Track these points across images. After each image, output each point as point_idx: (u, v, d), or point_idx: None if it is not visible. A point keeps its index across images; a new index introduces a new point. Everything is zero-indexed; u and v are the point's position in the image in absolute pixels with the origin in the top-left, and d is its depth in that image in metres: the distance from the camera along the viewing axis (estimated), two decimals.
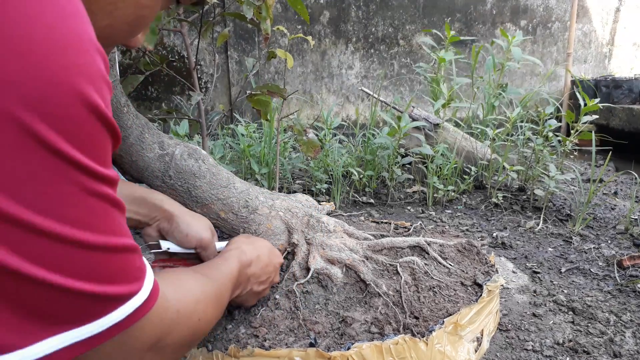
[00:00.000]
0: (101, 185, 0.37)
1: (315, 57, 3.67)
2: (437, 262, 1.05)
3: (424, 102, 3.71)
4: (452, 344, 0.85)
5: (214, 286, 0.62)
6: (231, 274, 0.69)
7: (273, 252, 0.84)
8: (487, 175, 2.21)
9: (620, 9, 3.92)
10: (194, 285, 0.58)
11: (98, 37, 0.41)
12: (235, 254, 0.74)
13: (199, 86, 1.26)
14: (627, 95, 3.31)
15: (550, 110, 2.12)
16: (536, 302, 1.22)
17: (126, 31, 0.45)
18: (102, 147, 0.37)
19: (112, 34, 0.43)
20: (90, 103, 0.34)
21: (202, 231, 0.80)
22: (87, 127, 0.34)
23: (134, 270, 0.42)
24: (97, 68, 0.35)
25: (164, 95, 3.54)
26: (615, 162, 2.77)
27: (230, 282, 0.68)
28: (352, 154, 2.25)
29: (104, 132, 0.37)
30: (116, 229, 0.40)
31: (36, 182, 0.32)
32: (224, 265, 0.69)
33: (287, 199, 1.09)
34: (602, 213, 1.93)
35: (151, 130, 0.95)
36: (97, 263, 0.38)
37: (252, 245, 0.79)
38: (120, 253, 0.40)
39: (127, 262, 0.41)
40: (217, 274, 0.65)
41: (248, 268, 0.74)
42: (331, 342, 0.82)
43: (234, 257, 0.72)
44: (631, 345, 1.03)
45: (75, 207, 0.35)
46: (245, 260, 0.74)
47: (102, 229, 0.38)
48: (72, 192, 0.35)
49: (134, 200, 0.79)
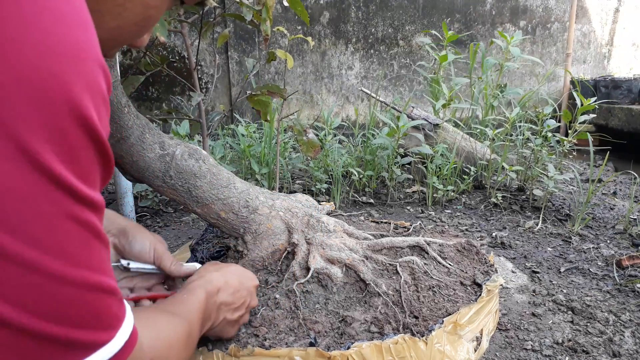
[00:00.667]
0: (84, 210, 0.33)
1: (315, 58, 3.68)
2: (436, 262, 1.05)
3: (423, 102, 3.72)
4: (451, 344, 0.85)
5: (184, 325, 0.58)
6: (199, 306, 0.65)
7: (244, 276, 0.80)
8: (486, 175, 2.21)
9: (619, 10, 3.93)
10: (166, 328, 0.54)
11: (107, 39, 0.41)
12: (201, 283, 0.70)
13: (199, 86, 1.26)
14: (626, 96, 3.31)
15: (549, 110, 2.13)
16: (535, 302, 1.23)
17: (134, 32, 0.44)
18: (89, 166, 0.33)
19: (121, 35, 0.42)
20: (82, 114, 0.31)
21: (155, 243, 0.77)
22: (73, 139, 0.31)
23: (109, 316, 0.37)
24: (94, 80, 0.33)
25: (165, 95, 3.54)
26: (615, 162, 2.77)
27: (199, 315, 0.64)
28: (351, 154, 2.26)
29: (92, 150, 0.33)
30: (95, 263, 0.35)
31: (10, 195, 0.28)
32: (191, 299, 0.65)
33: (287, 199, 1.09)
34: (601, 213, 1.94)
35: (152, 130, 0.95)
36: (66, 300, 0.33)
37: (218, 272, 0.75)
38: (94, 292, 0.35)
39: (101, 304, 0.36)
40: (185, 309, 0.62)
41: (215, 296, 0.70)
42: (331, 341, 0.82)
43: (199, 288, 0.68)
44: (630, 345, 1.03)
45: (50, 231, 0.31)
46: (211, 289, 0.70)
47: (78, 261, 0.33)
48: (48, 212, 0.30)
49: None
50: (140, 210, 2.01)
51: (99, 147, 0.34)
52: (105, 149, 0.34)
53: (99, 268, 0.35)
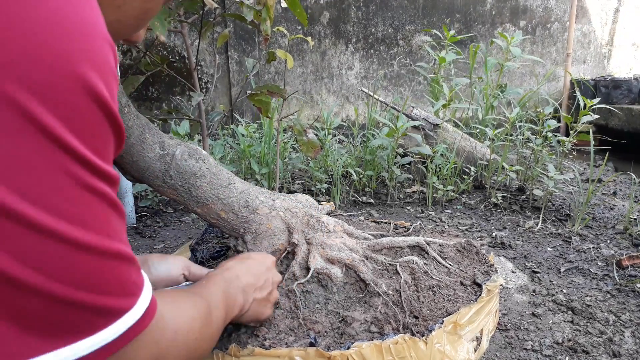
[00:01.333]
0: (98, 182, 0.34)
1: (315, 58, 3.68)
2: (436, 262, 1.05)
3: (423, 102, 3.72)
4: (451, 344, 0.85)
5: (204, 303, 0.59)
6: (218, 289, 0.65)
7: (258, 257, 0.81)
8: (486, 175, 2.21)
9: (619, 10, 3.92)
10: (186, 303, 0.55)
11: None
12: (217, 272, 0.71)
13: (199, 86, 1.26)
14: (626, 96, 3.31)
15: (549, 110, 2.13)
16: (535, 302, 1.23)
17: (133, 25, 0.44)
18: (103, 140, 0.34)
19: (120, 28, 0.43)
20: (93, 90, 0.32)
21: (172, 269, 0.76)
22: (87, 115, 0.32)
23: (129, 283, 0.38)
24: (104, 57, 0.33)
25: (165, 95, 3.54)
26: (615, 162, 2.77)
27: (219, 298, 0.64)
28: (351, 154, 2.26)
29: (106, 124, 0.34)
30: (112, 232, 0.36)
31: (29, 168, 0.29)
32: (209, 283, 0.66)
33: (287, 199, 1.09)
34: (601, 213, 1.94)
35: (152, 130, 0.95)
36: (88, 267, 0.34)
37: (234, 261, 0.76)
38: (114, 260, 0.36)
39: (122, 272, 0.37)
40: (206, 292, 0.62)
41: (237, 280, 0.71)
42: (331, 341, 0.83)
43: (216, 275, 0.69)
44: (630, 345, 1.03)
45: (69, 201, 0.32)
46: (229, 275, 0.70)
47: (96, 229, 0.34)
48: (66, 183, 0.31)
49: None
50: (140, 210, 2.01)
51: (112, 120, 0.35)
52: (118, 121, 0.35)
53: (118, 237, 0.36)
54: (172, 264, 0.76)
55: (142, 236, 1.77)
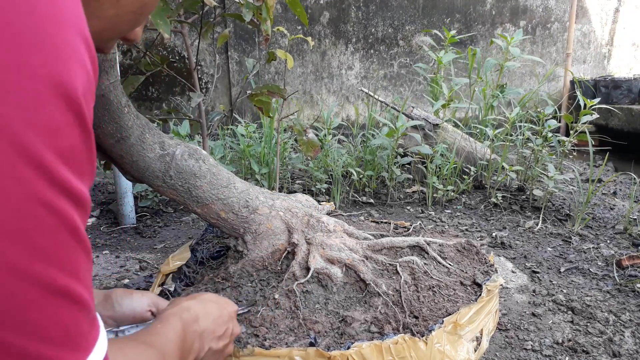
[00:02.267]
0: (59, 197, 0.27)
1: (315, 58, 3.68)
2: (436, 262, 1.05)
3: (423, 102, 3.72)
4: (451, 344, 0.85)
5: (159, 356, 0.52)
6: (175, 335, 0.58)
7: (222, 302, 0.73)
8: (486, 175, 2.21)
9: (619, 10, 3.92)
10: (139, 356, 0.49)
11: (104, 29, 0.40)
12: (175, 311, 0.63)
13: (199, 86, 1.26)
14: (626, 96, 3.31)
15: (549, 110, 2.13)
16: (535, 302, 1.23)
17: (131, 20, 0.44)
18: (72, 147, 0.28)
19: (118, 23, 0.42)
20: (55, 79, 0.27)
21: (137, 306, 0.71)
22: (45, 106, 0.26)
23: (77, 333, 0.30)
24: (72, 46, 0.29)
25: (165, 95, 3.54)
26: (615, 162, 2.77)
27: (176, 346, 0.57)
28: (351, 154, 2.26)
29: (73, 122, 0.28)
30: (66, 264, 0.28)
31: None
32: (165, 328, 0.58)
33: (287, 199, 1.09)
34: (601, 213, 1.94)
35: (152, 130, 0.95)
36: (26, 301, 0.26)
37: (194, 300, 0.69)
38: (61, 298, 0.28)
39: (68, 316, 0.29)
40: (160, 339, 0.55)
41: (195, 324, 0.63)
42: (331, 341, 0.82)
43: (173, 317, 0.61)
44: (630, 345, 1.03)
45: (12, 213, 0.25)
46: (188, 317, 0.63)
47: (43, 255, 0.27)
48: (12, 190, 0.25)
49: None
50: (140, 210, 2.01)
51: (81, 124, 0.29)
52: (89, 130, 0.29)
53: (71, 271, 0.29)
54: (137, 300, 0.70)
55: (142, 236, 1.77)
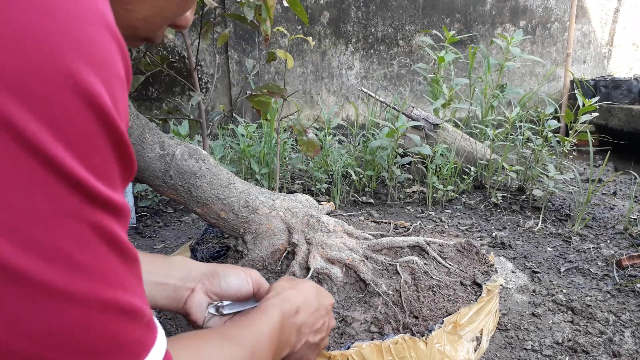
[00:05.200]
0: (95, 210, 0.26)
1: (315, 58, 3.68)
2: (436, 262, 1.05)
3: (423, 102, 3.72)
4: (451, 344, 0.85)
5: (245, 354, 0.48)
6: (271, 328, 0.54)
7: (321, 293, 0.69)
8: (486, 175, 2.21)
9: (619, 10, 3.92)
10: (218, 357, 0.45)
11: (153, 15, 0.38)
12: (276, 302, 0.59)
13: (199, 86, 1.26)
14: (626, 96, 3.31)
15: (549, 110, 2.13)
16: (535, 302, 1.23)
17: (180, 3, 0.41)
18: (102, 159, 0.27)
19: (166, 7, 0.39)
20: (86, 91, 0.25)
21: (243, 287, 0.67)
22: (79, 122, 0.25)
23: (130, 342, 0.30)
24: (106, 54, 0.26)
25: (165, 95, 3.55)
26: (615, 162, 2.77)
27: (270, 340, 0.53)
28: (351, 154, 2.26)
29: (106, 139, 0.26)
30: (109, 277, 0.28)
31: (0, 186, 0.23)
32: (262, 320, 0.54)
33: (287, 199, 1.09)
34: (601, 213, 1.94)
35: (152, 130, 0.95)
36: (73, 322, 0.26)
37: (296, 289, 0.65)
38: (110, 313, 0.28)
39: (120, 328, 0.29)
40: (251, 334, 0.51)
41: (295, 317, 0.60)
42: (331, 341, 0.83)
43: (274, 307, 0.58)
44: (630, 345, 1.03)
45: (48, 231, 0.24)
46: (289, 308, 0.59)
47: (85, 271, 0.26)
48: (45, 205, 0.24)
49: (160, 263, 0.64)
50: (140, 210, 2.01)
51: (114, 137, 0.27)
52: (123, 140, 0.28)
53: (118, 284, 0.28)
54: (244, 280, 0.66)
55: (142, 236, 1.77)
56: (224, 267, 0.67)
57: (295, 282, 0.68)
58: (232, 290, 0.65)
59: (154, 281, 0.61)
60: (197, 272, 0.65)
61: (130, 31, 0.39)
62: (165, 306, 0.63)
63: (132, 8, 0.37)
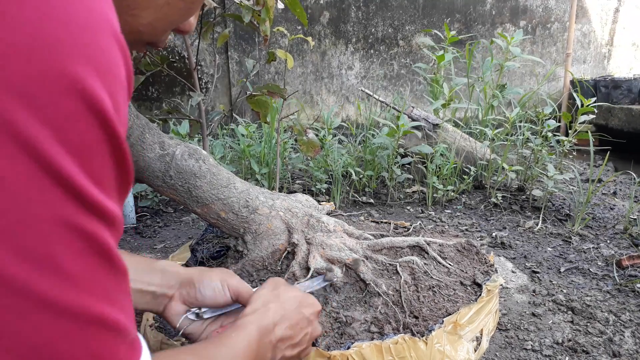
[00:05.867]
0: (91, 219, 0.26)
1: (315, 58, 3.68)
2: (436, 262, 1.05)
3: (423, 102, 3.72)
4: (451, 344, 0.85)
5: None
6: (247, 348, 0.53)
7: (304, 303, 0.67)
8: (486, 175, 2.21)
9: (619, 10, 3.92)
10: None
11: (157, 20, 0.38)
12: (254, 319, 0.58)
13: (199, 86, 1.26)
14: (626, 96, 3.31)
15: (549, 110, 2.13)
16: (535, 302, 1.23)
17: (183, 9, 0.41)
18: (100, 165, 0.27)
19: (170, 12, 0.40)
20: (89, 96, 0.25)
21: (226, 279, 0.67)
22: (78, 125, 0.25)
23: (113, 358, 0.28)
24: (109, 58, 0.27)
25: (165, 95, 3.55)
26: (615, 162, 2.77)
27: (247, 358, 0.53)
28: (351, 154, 2.26)
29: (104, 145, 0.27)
30: (98, 289, 0.27)
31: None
32: (238, 338, 0.53)
33: (287, 199, 1.09)
34: (601, 213, 1.94)
35: (152, 130, 0.95)
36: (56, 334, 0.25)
37: (276, 303, 0.63)
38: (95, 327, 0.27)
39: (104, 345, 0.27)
40: (227, 353, 0.51)
41: (271, 334, 0.59)
42: (331, 341, 0.83)
43: (251, 325, 0.57)
44: (630, 345, 1.03)
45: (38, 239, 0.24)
46: (266, 324, 0.58)
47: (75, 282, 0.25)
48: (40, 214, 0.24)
49: (142, 269, 0.64)
50: (140, 210, 2.01)
51: (113, 143, 0.27)
52: (122, 147, 0.28)
53: (105, 296, 0.27)
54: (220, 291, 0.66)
55: (142, 236, 1.77)
56: (202, 277, 0.67)
57: (278, 291, 0.66)
58: (207, 300, 0.65)
59: (135, 288, 0.63)
60: (176, 280, 0.66)
61: (135, 36, 0.39)
62: (145, 309, 0.65)
63: (138, 14, 0.38)
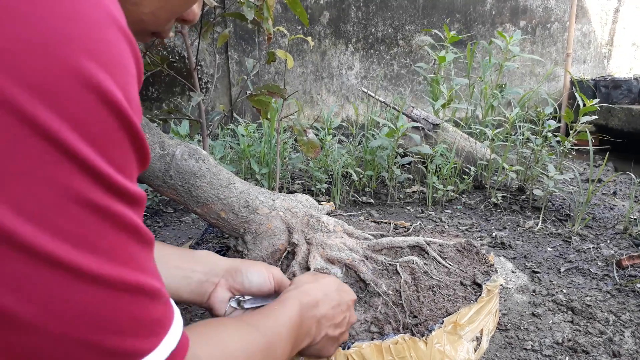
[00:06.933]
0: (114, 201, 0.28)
1: (315, 58, 3.68)
2: (436, 262, 1.05)
3: (423, 102, 3.72)
4: (451, 344, 0.85)
5: (260, 340, 0.49)
6: (290, 318, 0.56)
7: (342, 289, 0.71)
8: (486, 175, 2.21)
9: (619, 10, 3.93)
10: (233, 340, 0.46)
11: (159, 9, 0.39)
12: (295, 294, 0.61)
13: (199, 86, 1.26)
14: (626, 96, 3.31)
15: (549, 110, 2.13)
16: (535, 302, 1.23)
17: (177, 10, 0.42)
18: (121, 153, 0.29)
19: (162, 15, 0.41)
20: (99, 89, 0.26)
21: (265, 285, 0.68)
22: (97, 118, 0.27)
23: (150, 321, 0.32)
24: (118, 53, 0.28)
25: (165, 95, 3.55)
26: (615, 162, 2.77)
27: (289, 330, 0.54)
28: (351, 154, 2.26)
29: (123, 134, 0.29)
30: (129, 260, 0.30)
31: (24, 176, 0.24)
32: (281, 311, 0.56)
33: (287, 198, 1.09)
34: (601, 213, 1.94)
35: (152, 130, 0.95)
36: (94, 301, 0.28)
37: (316, 283, 0.67)
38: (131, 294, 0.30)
39: (140, 308, 0.31)
40: (270, 322, 0.53)
41: (315, 309, 0.61)
42: None
43: (292, 299, 0.59)
44: (630, 345, 1.03)
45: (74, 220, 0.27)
46: (308, 300, 0.61)
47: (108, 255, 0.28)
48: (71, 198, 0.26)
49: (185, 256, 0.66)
50: None
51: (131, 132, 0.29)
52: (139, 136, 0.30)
53: (137, 266, 0.31)
54: (266, 278, 0.68)
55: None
56: (247, 264, 0.69)
57: (316, 276, 0.71)
58: (254, 287, 0.67)
59: (180, 275, 0.63)
60: (221, 267, 0.67)
61: (139, 26, 0.40)
62: (189, 300, 0.65)
63: (140, 2, 0.38)
